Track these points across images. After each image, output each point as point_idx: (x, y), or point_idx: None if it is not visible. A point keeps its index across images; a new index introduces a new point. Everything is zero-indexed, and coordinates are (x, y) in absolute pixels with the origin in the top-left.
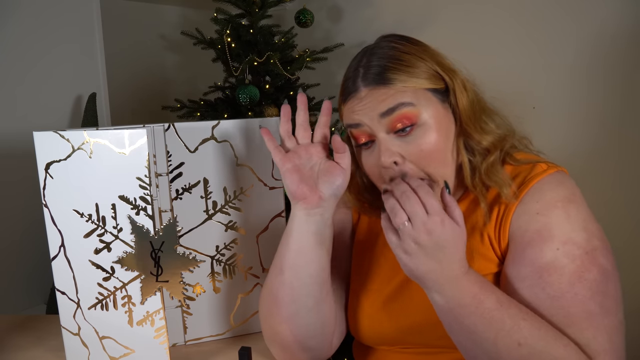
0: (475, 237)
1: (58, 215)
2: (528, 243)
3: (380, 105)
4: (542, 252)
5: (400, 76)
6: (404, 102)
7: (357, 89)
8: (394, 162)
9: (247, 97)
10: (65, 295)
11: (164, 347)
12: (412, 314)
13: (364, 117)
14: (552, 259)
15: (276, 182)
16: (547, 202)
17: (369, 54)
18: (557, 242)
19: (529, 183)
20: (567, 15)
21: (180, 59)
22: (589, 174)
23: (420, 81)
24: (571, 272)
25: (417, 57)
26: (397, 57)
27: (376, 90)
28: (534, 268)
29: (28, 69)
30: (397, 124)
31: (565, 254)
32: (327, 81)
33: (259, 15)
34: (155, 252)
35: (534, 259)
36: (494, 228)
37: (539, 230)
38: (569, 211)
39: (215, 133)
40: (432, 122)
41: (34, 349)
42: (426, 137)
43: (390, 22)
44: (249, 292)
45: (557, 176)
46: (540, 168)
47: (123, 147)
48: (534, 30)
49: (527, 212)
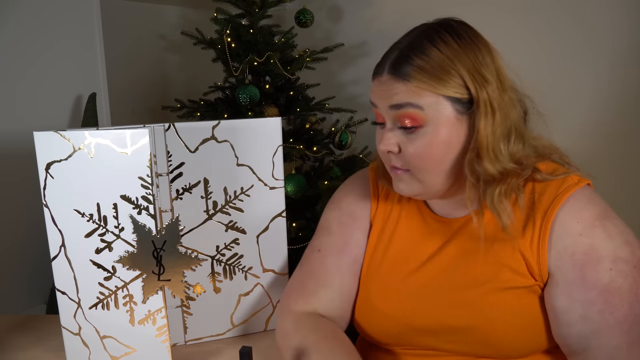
0: (505, 249)
1: (58, 215)
2: (583, 266)
3: (392, 97)
4: (599, 274)
5: (422, 77)
6: (412, 103)
7: (382, 71)
8: (388, 152)
9: (247, 97)
10: (66, 295)
11: (165, 346)
12: (431, 315)
13: (379, 102)
14: (609, 280)
15: (276, 182)
16: (586, 222)
17: (412, 39)
18: (607, 261)
19: (562, 197)
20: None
21: (180, 59)
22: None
23: (443, 89)
24: (627, 291)
25: (452, 63)
26: (431, 56)
27: (394, 81)
28: (598, 291)
29: (28, 69)
30: (403, 120)
31: (618, 272)
32: (327, 81)
33: (259, 15)
34: (157, 251)
35: (595, 282)
36: (530, 244)
37: (587, 252)
38: (607, 228)
39: (216, 133)
40: (437, 130)
41: (34, 349)
42: (425, 142)
43: (390, 22)
44: (249, 292)
45: (586, 192)
46: (572, 180)
47: (125, 147)
48: (535, 30)
49: (569, 233)
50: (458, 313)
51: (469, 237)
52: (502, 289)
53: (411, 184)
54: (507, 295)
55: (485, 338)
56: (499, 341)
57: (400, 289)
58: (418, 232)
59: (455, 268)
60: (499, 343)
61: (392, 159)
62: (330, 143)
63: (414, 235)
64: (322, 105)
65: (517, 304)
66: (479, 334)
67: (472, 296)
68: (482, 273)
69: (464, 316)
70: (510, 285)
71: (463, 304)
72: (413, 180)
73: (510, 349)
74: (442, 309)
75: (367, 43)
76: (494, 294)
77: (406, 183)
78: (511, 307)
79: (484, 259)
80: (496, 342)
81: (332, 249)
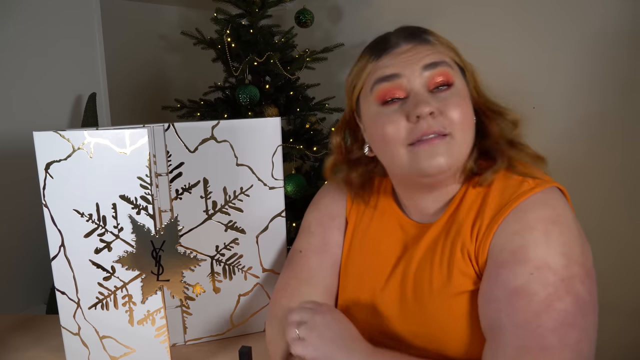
0: (456, 252)
1: (58, 215)
2: (502, 263)
3: (425, 58)
4: (514, 275)
5: (441, 41)
6: (445, 61)
7: (398, 44)
8: (430, 113)
9: (247, 97)
10: (65, 295)
11: (164, 346)
12: (394, 320)
13: (405, 69)
14: (523, 283)
15: (276, 182)
16: (526, 223)
17: (399, 29)
18: (531, 266)
19: (514, 203)
20: (568, 15)
21: (180, 59)
22: (589, 173)
23: (454, 55)
24: (540, 300)
25: (442, 41)
26: (431, 32)
27: (420, 46)
28: (504, 291)
29: (28, 69)
30: (438, 78)
31: (538, 279)
32: (327, 81)
33: (259, 15)
34: (156, 251)
35: (505, 281)
36: (475, 244)
37: (514, 251)
38: (549, 234)
39: (215, 133)
40: (463, 91)
41: (34, 349)
42: (459, 98)
43: (390, 22)
44: (249, 292)
45: (543, 196)
46: (527, 186)
47: (124, 146)
48: (535, 31)
49: (505, 231)
50: (417, 320)
51: (430, 241)
52: (455, 294)
53: (452, 149)
54: (459, 300)
55: (443, 343)
56: (458, 346)
57: (367, 292)
58: (388, 234)
59: (416, 273)
60: (457, 348)
61: (432, 124)
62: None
63: (384, 237)
64: (322, 105)
65: (470, 308)
66: (436, 339)
67: (430, 303)
68: (437, 278)
69: (422, 323)
70: (461, 289)
71: (422, 310)
72: (453, 145)
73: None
74: (405, 315)
75: (367, 43)
76: (449, 300)
77: (445, 150)
78: (465, 311)
79: (439, 264)
80: (455, 347)
81: (313, 249)
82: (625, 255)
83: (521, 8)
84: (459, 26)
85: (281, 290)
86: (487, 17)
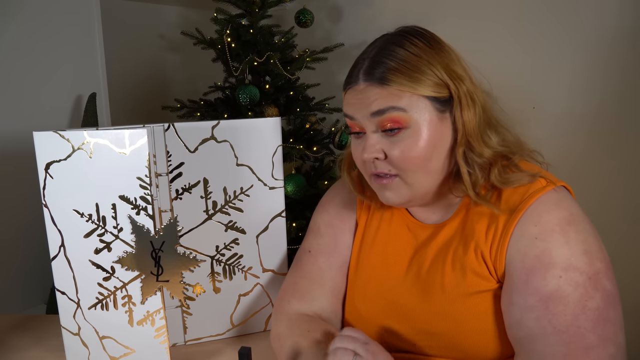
0: (469, 254)
1: (58, 215)
2: (530, 270)
3: (372, 104)
4: (545, 280)
5: (400, 79)
6: (395, 106)
7: (357, 81)
8: (375, 158)
9: (247, 97)
10: (65, 295)
11: (164, 347)
12: (405, 320)
13: (357, 113)
14: (555, 287)
15: (276, 182)
16: (545, 226)
17: (380, 47)
18: (559, 269)
19: (527, 202)
20: (567, 15)
21: (180, 59)
22: (587, 172)
23: (421, 88)
24: (575, 301)
25: (427, 63)
26: (405, 58)
27: (372, 88)
28: (539, 298)
29: (28, 69)
30: (386, 124)
31: (568, 281)
32: (327, 81)
33: (259, 15)
34: (155, 251)
35: (539, 288)
36: (490, 248)
37: (538, 256)
38: (567, 235)
39: (215, 133)
40: (421, 129)
41: (34, 349)
42: (411, 141)
43: (390, 22)
44: (249, 292)
45: (554, 195)
46: (540, 184)
47: (123, 147)
48: (534, 31)
49: (525, 235)
50: (430, 319)
51: (442, 243)
52: (469, 294)
53: (400, 190)
54: (474, 299)
55: (456, 343)
56: (470, 346)
57: (378, 294)
58: (397, 237)
59: (428, 274)
60: (469, 348)
61: (378, 165)
62: (330, 143)
63: (394, 240)
64: (322, 105)
65: (484, 308)
66: (449, 339)
67: (443, 302)
68: (450, 278)
69: (435, 322)
70: (476, 289)
71: (434, 310)
72: (401, 186)
73: (481, 353)
74: (416, 315)
75: (367, 43)
76: (462, 299)
77: (394, 191)
78: (478, 311)
79: (451, 265)
80: (467, 347)
81: (322, 250)
82: (620, 254)
83: (521, 9)
84: (459, 25)
85: (290, 290)
86: (487, 18)
